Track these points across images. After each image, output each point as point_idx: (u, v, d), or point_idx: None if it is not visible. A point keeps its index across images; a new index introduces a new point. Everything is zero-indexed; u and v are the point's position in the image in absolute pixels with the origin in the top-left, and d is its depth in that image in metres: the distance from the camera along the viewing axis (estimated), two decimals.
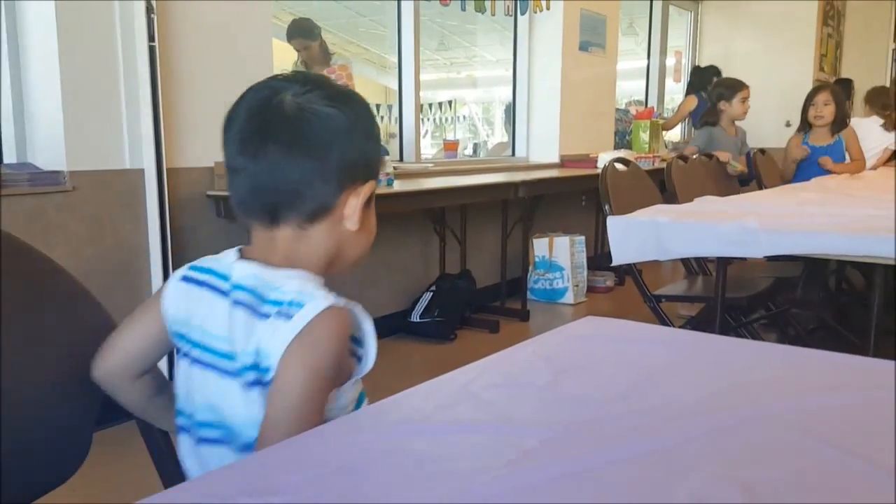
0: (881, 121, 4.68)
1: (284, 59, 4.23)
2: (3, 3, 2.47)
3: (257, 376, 0.79)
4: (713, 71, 5.78)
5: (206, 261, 0.89)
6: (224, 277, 0.85)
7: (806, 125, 3.98)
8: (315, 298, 0.78)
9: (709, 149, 3.90)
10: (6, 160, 2.57)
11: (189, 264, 0.90)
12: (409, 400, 0.73)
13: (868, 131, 4.28)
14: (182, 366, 0.87)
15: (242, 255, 0.87)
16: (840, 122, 3.92)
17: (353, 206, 0.85)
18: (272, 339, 0.77)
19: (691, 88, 5.88)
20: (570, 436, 0.65)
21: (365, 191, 0.86)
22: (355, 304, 0.82)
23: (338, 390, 0.82)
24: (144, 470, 0.99)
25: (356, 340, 0.85)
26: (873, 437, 0.66)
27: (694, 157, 3.57)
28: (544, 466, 0.58)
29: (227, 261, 0.87)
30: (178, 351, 0.89)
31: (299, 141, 0.82)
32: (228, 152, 0.85)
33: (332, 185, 0.84)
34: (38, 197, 2.40)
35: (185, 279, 0.88)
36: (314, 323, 0.76)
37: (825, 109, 3.86)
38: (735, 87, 4.04)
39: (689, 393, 0.76)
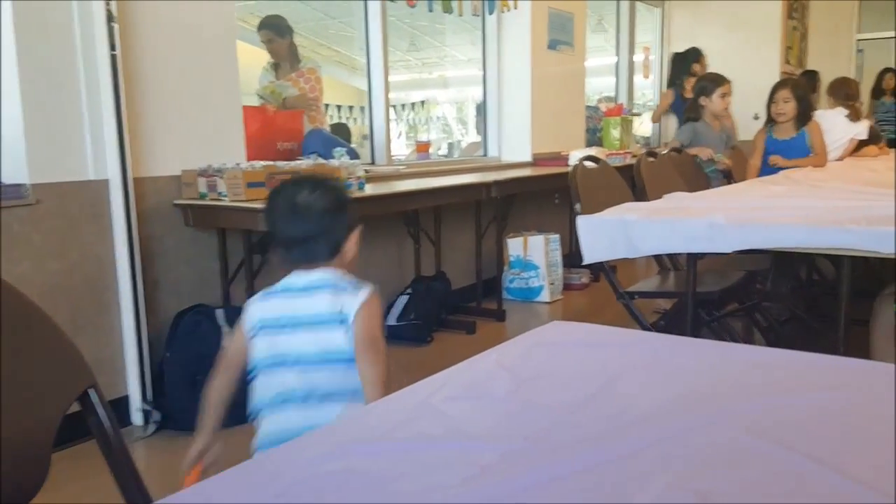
0: (846, 111, 4.74)
1: (250, 62, 4.19)
2: None
3: (342, 322, 1.39)
4: (693, 55, 5.73)
5: (278, 286, 1.48)
6: (292, 288, 1.46)
7: (771, 119, 4.03)
8: (366, 286, 1.43)
9: (693, 144, 3.92)
10: None
11: (262, 292, 1.49)
12: (369, 417, 0.72)
13: (832, 123, 4.32)
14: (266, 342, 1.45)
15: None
16: (803, 115, 3.97)
17: (354, 240, 1.50)
18: (350, 302, 1.39)
19: (672, 77, 5.85)
20: (530, 448, 0.64)
21: (359, 232, 1.51)
22: None
23: None
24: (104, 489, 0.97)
25: None
26: (838, 440, 0.66)
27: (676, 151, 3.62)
28: (502, 481, 0.58)
29: (298, 277, 1.46)
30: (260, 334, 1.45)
31: (326, 216, 1.47)
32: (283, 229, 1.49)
33: (346, 231, 1.49)
34: (1, 211, 2.35)
35: (265, 296, 1.48)
36: (370, 296, 1.41)
37: (786, 106, 3.92)
38: (716, 82, 4.05)
39: (650, 398, 0.76)
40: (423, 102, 9.63)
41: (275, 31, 3.97)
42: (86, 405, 0.93)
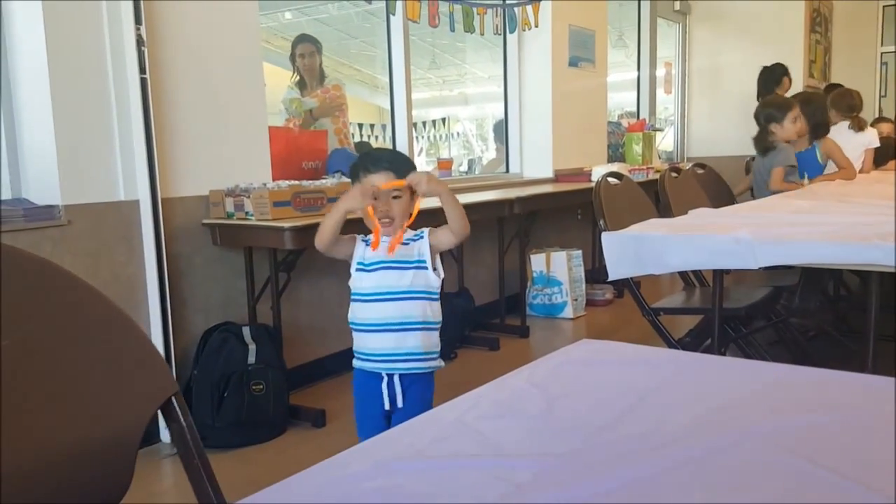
0: (848, 123, 4.69)
1: (277, 84, 4.26)
2: None
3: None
4: (781, 70, 5.66)
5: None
6: None
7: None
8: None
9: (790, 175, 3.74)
10: (1, 196, 2.58)
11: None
12: (404, 435, 0.73)
13: (840, 137, 4.28)
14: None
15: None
16: (815, 130, 3.92)
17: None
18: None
19: (760, 91, 5.73)
20: (563, 466, 0.65)
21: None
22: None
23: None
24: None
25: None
26: (868, 457, 0.66)
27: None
28: (538, 499, 0.59)
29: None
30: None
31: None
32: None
33: None
34: (34, 232, 2.40)
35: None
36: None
37: (796, 126, 3.84)
38: (784, 107, 3.85)
39: (680, 416, 0.77)
40: (443, 119, 9.69)
41: (315, 45, 4.05)
42: (168, 412, 0.94)
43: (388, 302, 1.80)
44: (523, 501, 0.58)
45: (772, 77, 5.63)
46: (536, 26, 4.77)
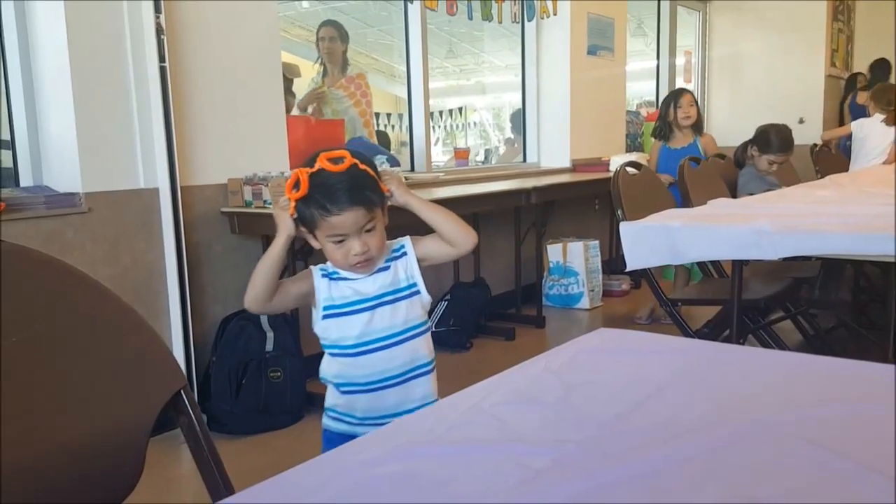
0: (882, 116, 4.65)
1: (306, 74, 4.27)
2: (14, 26, 2.51)
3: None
4: (887, 66, 5.79)
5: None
6: None
7: (667, 129, 4.06)
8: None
9: None
10: (22, 183, 2.61)
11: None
12: (423, 420, 0.73)
13: (870, 129, 4.24)
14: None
15: None
16: (698, 124, 4.10)
17: None
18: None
19: (871, 81, 5.83)
20: (582, 453, 0.65)
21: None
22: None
23: None
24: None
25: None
26: (886, 447, 0.65)
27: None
28: (557, 485, 0.59)
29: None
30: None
31: None
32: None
33: None
34: (55, 219, 2.43)
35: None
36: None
37: (692, 109, 4.02)
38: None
39: (698, 405, 0.76)
40: (460, 109, 9.65)
41: (337, 30, 4.04)
42: (177, 405, 0.96)
43: (383, 351, 1.35)
44: (543, 487, 0.58)
45: (880, 73, 5.69)
46: (555, 14, 4.74)
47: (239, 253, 2.95)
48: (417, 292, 1.39)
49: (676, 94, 4.14)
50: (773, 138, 3.47)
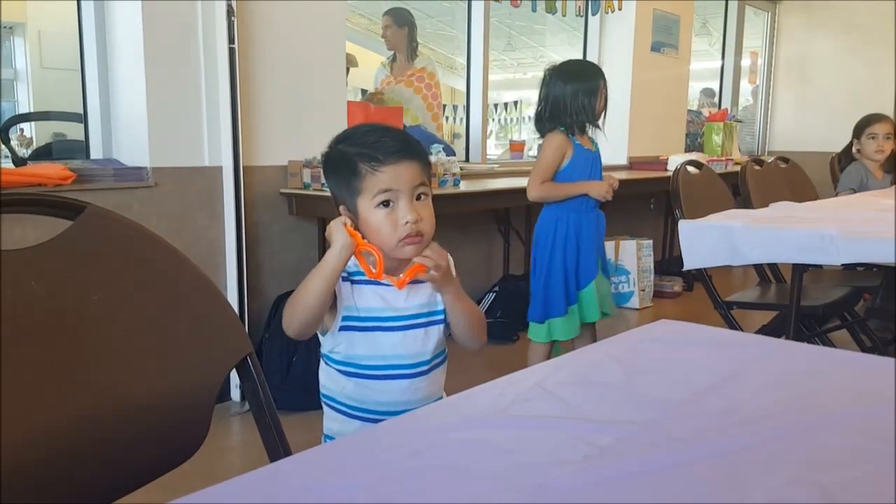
0: None
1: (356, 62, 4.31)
2: (92, 4, 2.60)
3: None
4: None
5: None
6: None
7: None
8: None
9: None
10: (93, 156, 2.70)
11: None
12: (485, 395, 0.74)
13: None
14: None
15: None
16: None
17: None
18: None
19: None
20: (646, 434, 0.65)
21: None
22: None
23: None
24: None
25: None
26: None
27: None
28: (620, 463, 0.59)
29: None
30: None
31: None
32: None
33: None
34: (123, 192, 2.51)
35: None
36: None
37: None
38: None
39: (763, 397, 0.76)
40: (515, 103, 9.62)
41: (393, 18, 4.07)
42: (243, 371, 1.00)
43: (409, 379, 1.16)
44: (609, 462, 0.58)
45: None
46: (620, 9, 4.69)
47: (296, 234, 3.01)
48: (444, 320, 1.19)
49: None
50: (865, 117, 3.42)
